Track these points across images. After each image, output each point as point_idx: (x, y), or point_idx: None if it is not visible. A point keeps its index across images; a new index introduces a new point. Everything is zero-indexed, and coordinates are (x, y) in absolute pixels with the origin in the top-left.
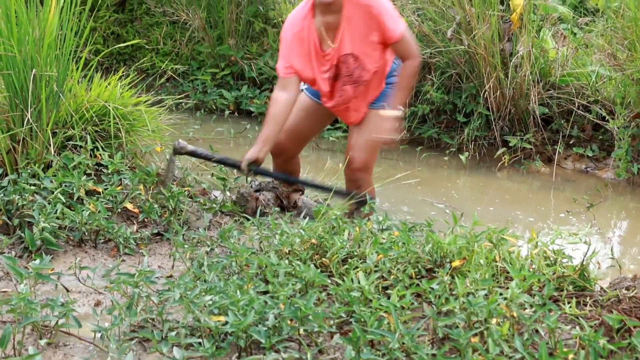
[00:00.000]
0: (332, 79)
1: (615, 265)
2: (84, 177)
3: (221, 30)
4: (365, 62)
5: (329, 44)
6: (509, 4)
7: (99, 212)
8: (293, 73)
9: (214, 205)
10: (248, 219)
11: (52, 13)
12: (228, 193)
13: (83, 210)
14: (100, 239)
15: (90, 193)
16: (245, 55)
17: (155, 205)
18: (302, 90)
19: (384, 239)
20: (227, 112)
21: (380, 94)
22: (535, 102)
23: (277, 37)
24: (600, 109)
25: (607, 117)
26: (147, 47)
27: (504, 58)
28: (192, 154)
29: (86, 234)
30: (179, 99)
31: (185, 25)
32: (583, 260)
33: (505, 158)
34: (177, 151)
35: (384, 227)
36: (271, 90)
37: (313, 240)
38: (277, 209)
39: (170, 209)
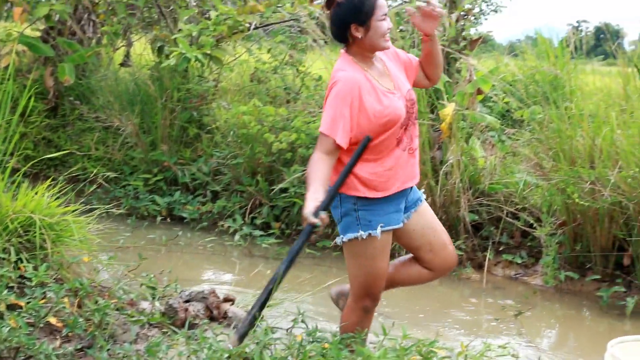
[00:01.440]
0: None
1: None
2: (6, 291)
3: (154, 135)
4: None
5: (387, 87)
6: (438, 113)
7: (19, 327)
8: (344, 139)
9: (142, 317)
10: (176, 332)
11: None
12: (157, 304)
13: (3, 326)
14: (21, 356)
15: (11, 307)
16: (178, 161)
17: (80, 319)
18: (378, 233)
19: (313, 352)
20: (159, 218)
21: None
22: (465, 209)
23: (210, 142)
24: (528, 216)
25: (534, 225)
26: (78, 152)
27: (434, 166)
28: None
29: (5, 351)
30: (110, 206)
31: (118, 131)
32: None
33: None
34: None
35: (313, 339)
36: (204, 196)
37: (240, 356)
38: (207, 320)
39: (96, 322)
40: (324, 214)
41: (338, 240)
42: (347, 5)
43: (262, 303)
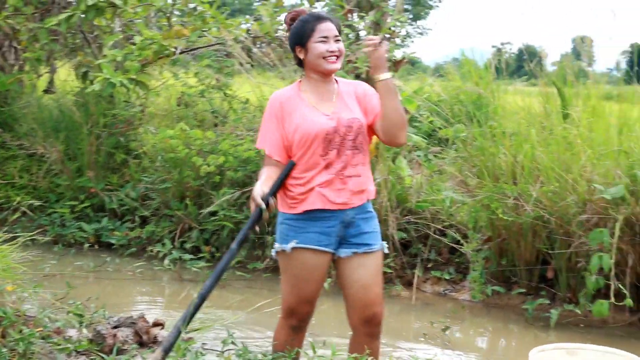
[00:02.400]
0: (332, 143)
1: None
2: None
3: (81, 162)
4: (365, 130)
5: (325, 108)
6: None
7: None
8: (279, 154)
9: (69, 345)
10: (104, 358)
11: None
12: (84, 331)
13: None
14: None
15: None
16: (105, 187)
17: (4, 349)
18: (288, 248)
19: None
20: (86, 245)
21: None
22: (393, 227)
23: (138, 167)
24: (455, 233)
25: (461, 241)
26: (1, 180)
27: None
28: (172, 342)
29: None
30: (34, 233)
31: (42, 158)
32: None
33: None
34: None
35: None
36: (133, 222)
37: None
38: (136, 345)
39: (20, 351)
40: (272, 200)
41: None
42: (293, 29)
43: (191, 314)
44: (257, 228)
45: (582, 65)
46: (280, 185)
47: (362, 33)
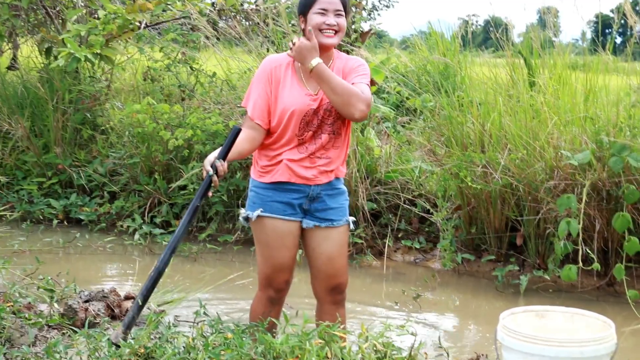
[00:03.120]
0: (309, 125)
1: (443, 354)
2: None
3: (47, 138)
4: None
5: (310, 90)
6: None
7: None
8: (260, 117)
9: (40, 320)
10: (76, 332)
11: None
12: (56, 305)
13: None
14: None
15: None
16: (73, 163)
17: None
18: (254, 215)
19: (215, 343)
20: (55, 221)
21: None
22: (363, 198)
23: (105, 143)
24: (424, 202)
25: (431, 210)
26: None
27: None
28: (133, 317)
29: None
30: (2, 210)
31: (8, 135)
32: (411, 351)
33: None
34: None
35: (216, 331)
36: (102, 197)
37: (142, 350)
38: (108, 318)
39: None
40: (219, 162)
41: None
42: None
43: (148, 288)
44: (209, 194)
45: (548, 35)
46: (227, 151)
47: None
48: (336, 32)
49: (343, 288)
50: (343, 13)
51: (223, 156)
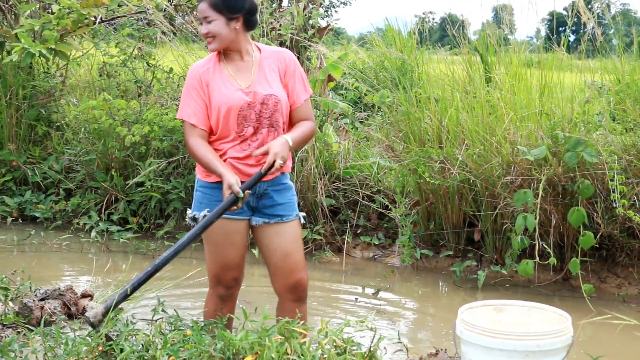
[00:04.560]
0: (246, 122)
1: (402, 349)
2: None
3: (0, 135)
4: (283, 107)
5: (242, 82)
6: None
7: None
8: (203, 123)
9: None
10: (32, 330)
11: None
12: (11, 304)
13: None
14: None
15: None
16: (28, 160)
17: None
18: (200, 216)
19: (174, 339)
20: (9, 219)
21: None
22: (322, 194)
23: (61, 140)
24: (383, 198)
25: (390, 206)
26: None
27: None
28: (116, 303)
29: None
30: None
31: None
32: (370, 346)
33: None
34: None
35: (175, 328)
36: (57, 194)
37: (100, 347)
38: (64, 317)
39: None
40: (247, 192)
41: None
42: None
43: (141, 281)
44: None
45: (503, 33)
46: (252, 185)
47: (285, 0)
48: (213, 37)
49: (304, 284)
50: (212, 17)
51: (248, 188)
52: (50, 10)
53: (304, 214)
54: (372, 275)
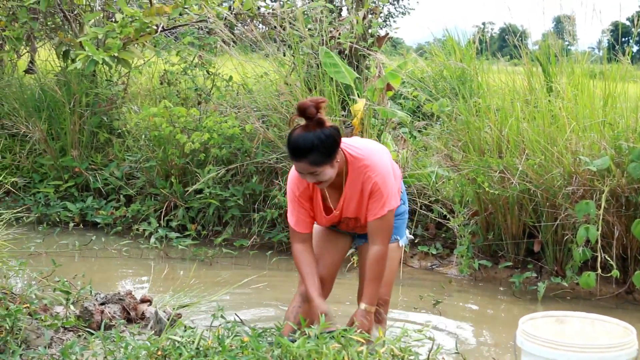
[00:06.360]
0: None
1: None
2: None
3: (64, 141)
4: (364, 223)
5: (333, 202)
6: (350, 110)
7: None
8: (306, 229)
9: (56, 321)
10: (92, 334)
11: None
12: (72, 307)
13: None
14: None
15: None
16: (90, 166)
17: None
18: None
19: (232, 345)
20: (71, 224)
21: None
22: None
23: (122, 146)
24: (441, 208)
25: (448, 216)
26: None
27: None
28: None
29: None
30: (19, 213)
31: (25, 138)
32: (428, 356)
33: (353, 259)
34: None
35: (233, 334)
36: (118, 201)
37: (159, 352)
38: (123, 321)
39: (7, 327)
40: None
41: None
42: None
43: None
44: None
45: (565, 44)
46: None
47: (344, 9)
48: (320, 182)
49: (384, 299)
50: (319, 170)
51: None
52: (113, 19)
53: (412, 236)
54: (430, 285)
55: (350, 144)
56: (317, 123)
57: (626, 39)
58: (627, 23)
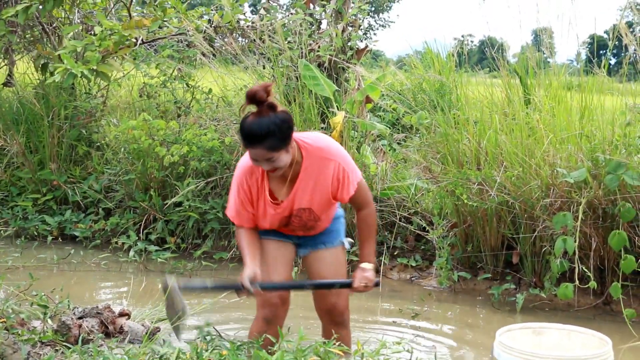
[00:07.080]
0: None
1: None
2: None
3: (42, 154)
4: (319, 214)
5: (282, 194)
6: (329, 122)
7: None
8: (247, 223)
9: (33, 336)
10: (70, 348)
11: None
12: (49, 322)
13: None
14: None
15: None
16: (68, 179)
17: None
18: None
19: (211, 359)
20: (50, 238)
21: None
22: None
23: (101, 159)
24: (420, 220)
25: (427, 228)
26: None
27: None
28: (186, 289)
29: None
30: None
31: (3, 151)
32: None
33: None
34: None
35: (211, 347)
36: (97, 214)
37: None
38: (102, 335)
39: None
40: (257, 289)
41: None
42: None
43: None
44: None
45: (543, 56)
46: (272, 289)
47: (324, 22)
48: (276, 168)
49: (339, 309)
50: (274, 156)
51: (265, 289)
52: (92, 32)
53: (350, 239)
54: (409, 298)
55: (301, 135)
56: (269, 107)
57: (603, 51)
58: (605, 35)
